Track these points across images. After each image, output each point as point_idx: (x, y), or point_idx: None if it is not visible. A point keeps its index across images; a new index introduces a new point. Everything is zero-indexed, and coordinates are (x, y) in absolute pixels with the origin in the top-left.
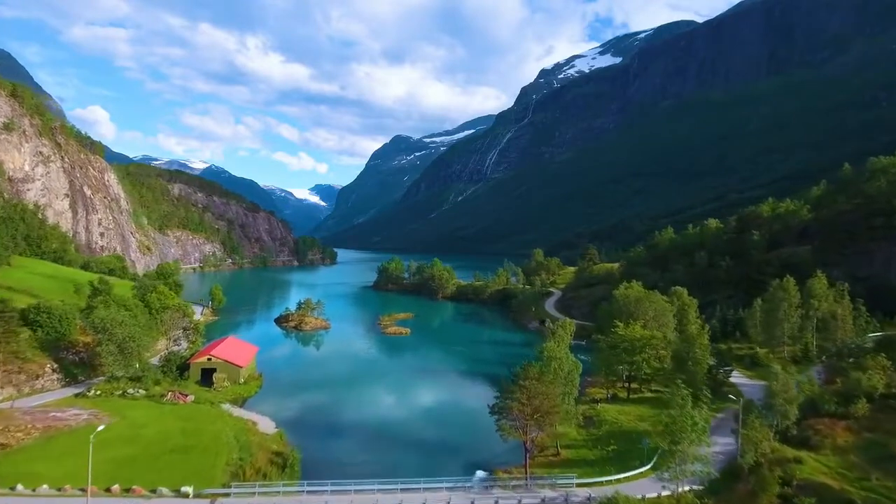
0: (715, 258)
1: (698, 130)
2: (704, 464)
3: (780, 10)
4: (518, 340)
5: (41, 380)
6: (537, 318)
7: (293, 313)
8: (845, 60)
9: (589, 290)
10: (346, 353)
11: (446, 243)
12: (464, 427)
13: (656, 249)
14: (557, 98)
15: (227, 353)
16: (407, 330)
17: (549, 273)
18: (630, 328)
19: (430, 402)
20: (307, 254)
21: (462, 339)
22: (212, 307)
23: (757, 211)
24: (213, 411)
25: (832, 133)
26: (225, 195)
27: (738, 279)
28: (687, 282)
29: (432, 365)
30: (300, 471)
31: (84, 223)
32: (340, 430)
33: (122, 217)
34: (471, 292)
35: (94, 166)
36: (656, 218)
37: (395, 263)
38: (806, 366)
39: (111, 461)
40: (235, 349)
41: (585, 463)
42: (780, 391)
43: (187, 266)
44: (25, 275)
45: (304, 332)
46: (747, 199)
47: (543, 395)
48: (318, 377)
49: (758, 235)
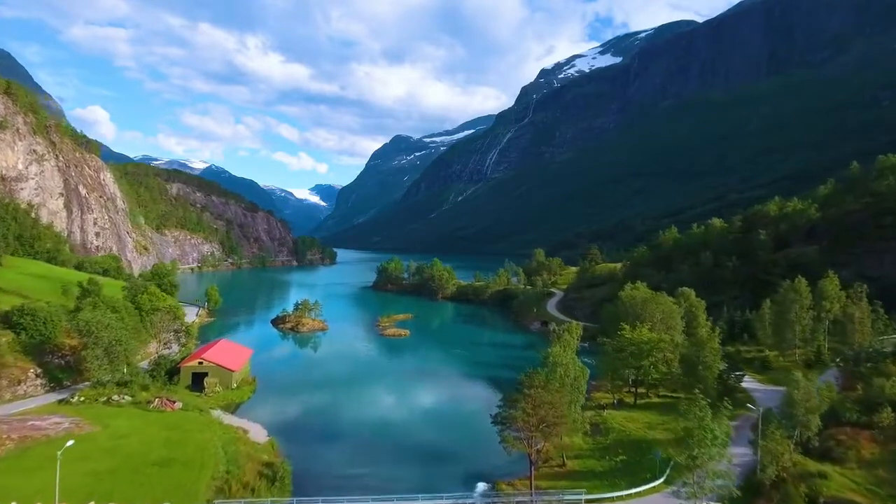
0: (720, 258)
1: (698, 130)
2: (725, 479)
3: (780, 10)
4: (520, 342)
5: (23, 385)
6: (539, 320)
7: (290, 314)
8: (845, 60)
9: (591, 290)
10: (343, 356)
11: (446, 243)
12: (465, 434)
13: (660, 249)
14: (558, 98)
15: (219, 356)
16: (406, 331)
17: (550, 273)
18: (637, 331)
19: (429, 407)
20: (306, 254)
21: (462, 340)
22: (208, 308)
23: (763, 210)
24: (201, 419)
25: (832, 133)
26: (224, 195)
27: (745, 280)
28: (692, 282)
29: (432, 368)
30: (291, 484)
31: (79, 223)
32: (335, 438)
33: (119, 217)
34: (471, 293)
35: (90, 165)
36: (657, 218)
37: (394, 263)
38: (820, 370)
39: (89, 474)
40: (228, 352)
41: (593, 475)
42: (801, 400)
43: (185, 266)
44: (16, 275)
45: (301, 334)
46: (748, 199)
47: (549, 405)
48: (314, 381)
49: (764, 235)
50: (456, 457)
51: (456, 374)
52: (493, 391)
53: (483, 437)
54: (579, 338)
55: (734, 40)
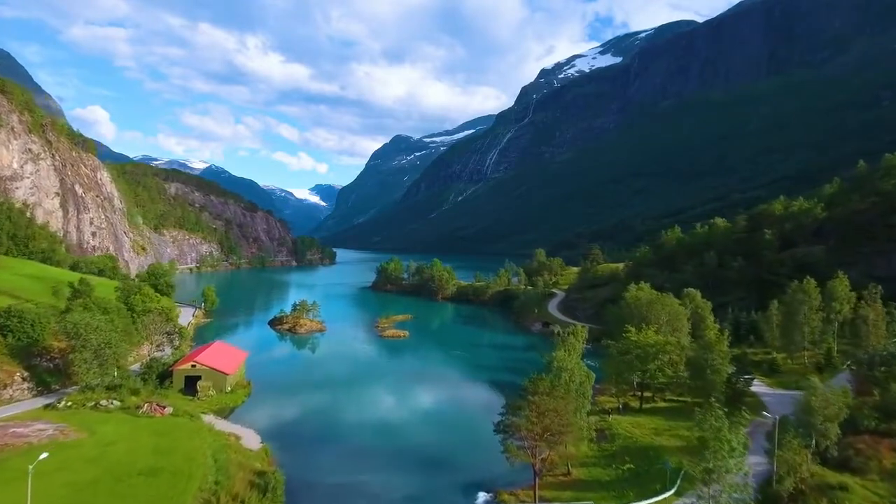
0: (725, 258)
1: (698, 130)
2: (742, 493)
3: (780, 9)
4: (521, 344)
5: (9, 389)
6: (541, 321)
7: (288, 315)
8: (846, 60)
9: (594, 291)
10: (341, 358)
11: (446, 243)
12: (465, 440)
13: (663, 250)
14: (558, 98)
15: (213, 359)
16: (405, 333)
17: (551, 274)
18: (643, 333)
19: (428, 411)
20: (306, 254)
21: (462, 342)
22: (204, 309)
23: (769, 209)
24: (191, 425)
25: (833, 133)
26: (223, 194)
27: (751, 280)
28: (696, 283)
29: (431, 370)
30: (283, 495)
31: (75, 222)
32: (331, 444)
33: (116, 216)
34: (471, 293)
35: (87, 164)
36: (657, 218)
37: (394, 264)
38: (830, 373)
39: (69, 485)
40: (222, 355)
41: (600, 485)
42: (819, 407)
43: (184, 266)
44: (10, 276)
45: (299, 336)
46: (749, 199)
47: (555, 412)
48: (310, 384)
49: (770, 234)
50: (456, 464)
51: (456, 377)
52: (495, 395)
53: (484, 444)
54: (584, 340)
55: (734, 40)
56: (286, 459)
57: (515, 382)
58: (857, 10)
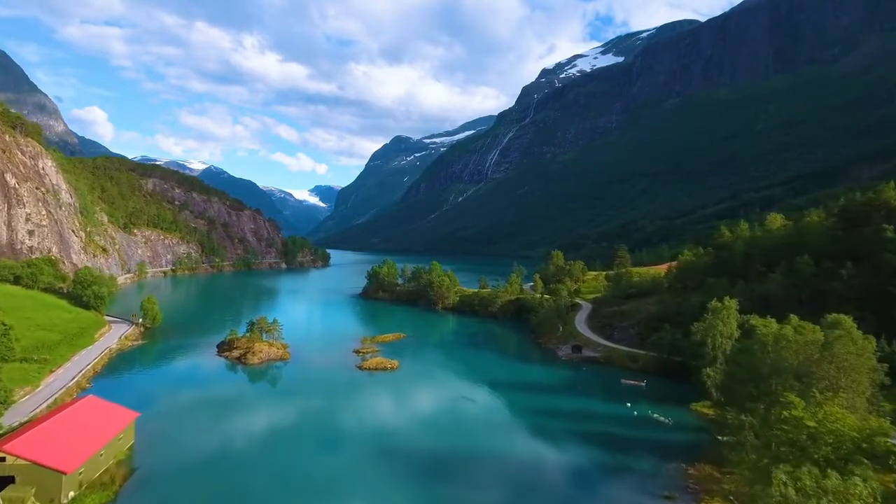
0: (823, 263)
1: (704, 129)
2: None
3: (786, 6)
4: (551, 381)
5: None
6: (569, 343)
7: (240, 338)
8: (856, 57)
9: (634, 303)
10: (296, 414)
11: (447, 244)
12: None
13: (727, 251)
14: (559, 97)
15: (44, 443)
16: (394, 363)
17: (573, 280)
18: (821, 410)
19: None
20: (296, 255)
21: (472, 376)
22: (143, 325)
23: (878, 197)
24: None
25: (846, 131)
26: (206, 191)
27: (869, 293)
28: (783, 297)
29: (425, 440)
30: None
31: (5, 218)
32: None
33: (62, 213)
34: (477, 302)
35: (24, 151)
36: (668, 217)
37: (387, 267)
38: None
39: None
40: (73, 430)
41: None
42: None
43: (157, 269)
44: None
45: (250, 367)
46: (764, 197)
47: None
48: (232, 466)
49: (892, 231)
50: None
51: (461, 454)
52: (527, 488)
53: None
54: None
55: (740, 38)
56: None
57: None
58: (866, 7)
